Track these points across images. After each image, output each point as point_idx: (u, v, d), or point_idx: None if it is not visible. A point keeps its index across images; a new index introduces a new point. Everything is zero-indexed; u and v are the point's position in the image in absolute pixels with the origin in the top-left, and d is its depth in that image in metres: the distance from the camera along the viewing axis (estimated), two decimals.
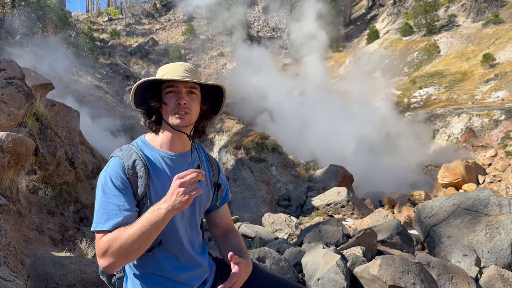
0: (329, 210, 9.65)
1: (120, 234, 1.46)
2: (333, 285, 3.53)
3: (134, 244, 1.44)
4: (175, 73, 1.63)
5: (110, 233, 1.49)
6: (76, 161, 6.46)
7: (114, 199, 1.54)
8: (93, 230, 1.54)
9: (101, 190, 1.57)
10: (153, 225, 1.43)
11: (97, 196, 1.58)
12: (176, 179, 1.43)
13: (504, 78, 22.82)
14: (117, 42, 37.91)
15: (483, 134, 18.05)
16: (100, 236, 1.51)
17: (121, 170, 1.58)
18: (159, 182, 1.63)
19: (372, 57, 35.49)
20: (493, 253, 5.31)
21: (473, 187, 12.86)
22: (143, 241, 1.45)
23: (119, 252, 1.44)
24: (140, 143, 1.72)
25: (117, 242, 1.45)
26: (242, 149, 18.05)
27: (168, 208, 1.42)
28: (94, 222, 1.53)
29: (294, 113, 22.79)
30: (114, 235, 1.47)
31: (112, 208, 1.53)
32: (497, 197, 5.88)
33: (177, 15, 48.25)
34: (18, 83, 5.48)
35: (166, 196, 1.44)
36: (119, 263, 1.48)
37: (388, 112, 23.45)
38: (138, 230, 1.43)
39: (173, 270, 1.67)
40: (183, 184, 1.41)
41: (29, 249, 3.89)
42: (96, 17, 47.96)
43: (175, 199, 1.41)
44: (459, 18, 34.26)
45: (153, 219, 1.43)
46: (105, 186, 1.57)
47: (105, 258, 1.47)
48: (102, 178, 1.59)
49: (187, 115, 1.64)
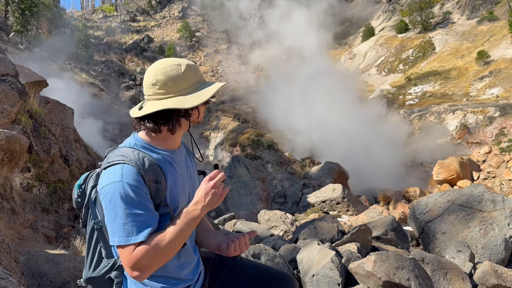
0: (325, 207, 9.67)
1: (159, 242, 1.46)
2: (328, 281, 3.54)
3: (174, 247, 1.49)
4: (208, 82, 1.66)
5: (144, 243, 1.45)
6: (71, 159, 6.43)
7: (140, 208, 1.48)
8: (122, 244, 1.46)
9: (122, 201, 1.46)
10: (190, 227, 1.52)
11: (114, 208, 1.47)
12: (208, 181, 1.53)
13: (498, 75, 22.94)
14: (112, 39, 37.76)
15: (477, 131, 18.15)
16: (132, 248, 1.45)
17: (139, 177, 1.51)
18: (171, 182, 1.63)
19: (367, 54, 35.56)
20: (487, 248, 5.34)
21: (468, 183, 12.93)
22: (180, 243, 1.52)
23: (159, 259, 1.47)
24: (140, 145, 1.65)
25: (157, 249, 1.45)
26: (238, 146, 18.05)
27: (204, 208, 1.51)
28: (123, 236, 1.45)
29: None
30: (151, 244, 1.45)
31: (142, 218, 1.48)
32: (491, 193, 5.91)
33: (172, 12, 48.09)
34: (11, 80, 5.44)
35: (198, 197, 1.52)
36: (154, 270, 1.50)
37: (383, 109, 23.51)
38: (177, 235, 1.48)
39: (175, 269, 1.66)
40: (215, 185, 1.51)
41: (23, 247, 3.87)
42: (91, 14, 47.74)
43: (210, 199, 1.51)
44: (454, 15, 34.39)
45: (188, 221, 1.50)
46: (126, 197, 1.47)
47: (141, 268, 1.45)
48: (119, 188, 1.47)
49: None
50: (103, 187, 1.51)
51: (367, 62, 34.90)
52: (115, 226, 1.47)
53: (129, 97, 27.88)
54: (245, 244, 1.77)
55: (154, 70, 1.59)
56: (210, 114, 22.38)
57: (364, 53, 36.16)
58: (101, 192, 1.53)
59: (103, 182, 1.53)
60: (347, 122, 20.84)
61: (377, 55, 34.45)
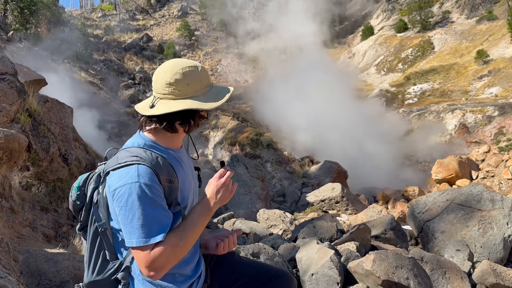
0: (324, 206, 9.68)
1: (176, 240, 1.50)
2: (327, 280, 3.54)
3: (190, 246, 1.56)
4: (216, 85, 1.72)
5: (162, 242, 1.47)
6: (70, 158, 6.43)
7: (157, 208, 1.50)
8: (141, 245, 1.46)
9: (139, 202, 1.46)
10: (203, 224, 1.58)
11: (131, 209, 1.47)
12: (218, 179, 1.61)
13: (497, 75, 22.96)
14: (111, 38, 37.68)
15: (476, 130, 18.17)
16: (150, 248, 1.47)
17: (155, 177, 1.53)
18: (181, 181, 1.65)
19: (366, 54, 35.57)
20: (486, 248, 5.34)
21: (467, 182, 12.94)
22: (195, 240, 1.59)
23: (176, 257, 1.52)
24: (149, 144, 1.66)
25: (174, 248, 1.49)
26: (237, 146, 18.04)
27: (216, 205, 1.60)
28: (141, 237, 1.45)
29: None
30: (169, 243, 1.48)
31: (159, 218, 1.49)
32: (490, 193, 5.91)
33: (171, 11, 48.05)
34: (10, 79, 5.44)
35: (209, 194, 1.61)
36: (169, 268, 1.54)
37: (382, 108, 23.52)
38: (193, 232, 1.55)
39: (180, 265, 1.65)
40: (226, 182, 1.61)
41: (22, 246, 3.87)
42: (90, 13, 47.68)
43: (222, 196, 1.60)
44: (453, 14, 34.41)
45: (202, 218, 1.58)
46: (144, 197, 1.47)
47: (157, 268, 1.48)
48: (136, 189, 1.47)
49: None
50: (117, 188, 1.49)
51: (366, 61, 34.92)
52: (132, 227, 1.46)
53: (128, 96, 27.84)
54: (233, 243, 1.83)
55: (172, 70, 1.60)
56: (209, 113, 22.32)
57: (363, 52, 36.17)
58: (115, 193, 1.50)
59: (116, 183, 1.51)
60: (346, 121, 20.84)
61: (376, 54, 34.47)
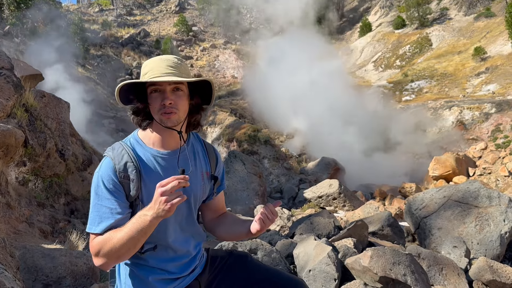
0: (321, 202, 9.70)
1: (110, 238, 1.49)
2: (324, 276, 3.54)
3: (123, 248, 1.47)
4: (157, 71, 1.56)
5: (102, 235, 1.52)
6: (67, 153, 6.40)
7: (106, 202, 1.54)
8: (87, 231, 1.56)
9: (94, 192, 1.57)
10: (140, 231, 1.45)
11: (91, 197, 1.58)
12: (159, 187, 1.41)
13: (494, 72, 22.98)
14: (108, 33, 37.48)
15: (473, 127, 18.20)
16: (93, 237, 1.54)
17: (112, 173, 1.56)
18: (151, 182, 1.59)
19: (364, 50, 35.54)
20: (483, 244, 5.37)
21: (464, 179, 12.98)
22: (132, 245, 1.48)
23: (110, 254, 1.49)
24: (133, 140, 1.69)
25: (107, 245, 1.49)
26: (234, 142, 18.04)
27: (153, 215, 1.41)
28: (88, 224, 1.55)
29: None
30: (105, 238, 1.50)
31: (104, 211, 1.54)
32: (487, 189, 5.93)
33: (169, 6, 47.84)
34: (6, 73, 5.40)
35: (151, 203, 1.43)
36: (112, 263, 1.53)
37: (379, 104, 23.52)
38: (126, 235, 1.46)
39: (162, 261, 1.69)
40: (164, 193, 1.39)
41: (18, 242, 3.85)
42: (87, 8, 47.39)
43: (158, 207, 1.40)
44: (451, 11, 34.39)
45: (139, 225, 1.45)
46: (97, 188, 1.56)
47: (98, 258, 1.52)
48: (95, 180, 1.58)
49: (173, 114, 1.59)
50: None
51: (364, 57, 34.89)
52: (89, 213, 1.57)
53: None
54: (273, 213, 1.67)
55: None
56: (207, 109, 22.23)
57: (361, 49, 36.13)
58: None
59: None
60: (344, 117, 20.83)
61: (374, 50, 34.43)
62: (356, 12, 44.81)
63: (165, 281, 1.70)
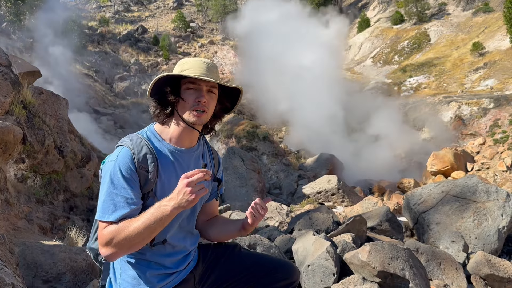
0: (320, 198, 9.71)
1: (126, 227, 1.49)
2: (323, 271, 3.56)
3: (139, 237, 1.48)
4: (197, 70, 1.63)
5: (115, 224, 1.51)
6: (65, 150, 6.40)
7: (122, 191, 1.55)
8: (98, 219, 1.56)
9: (109, 180, 1.56)
10: (159, 221, 1.47)
11: (103, 185, 1.58)
12: (184, 178, 1.45)
13: (493, 67, 22.98)
14: (105, 30, 37.32)
15: (472, 122, 18.22)
16: (104, 226, 1.53)
17: (131, 162, 1.58)
18: (166, 177, 1.65)
19: (362, 46, 35.49)
20: (481, 239, 5.39)
21: (462, 174, 13.00)
22: (147, 234, 1.50)
23: (123, 243, 1.49)
24: (150, 134, 1.72)
25: (122, 234, 1.48)
26: (233, 138, 18.01)
27: (175, 205, 1.45)
28: (100, 211, 1.55)
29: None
30: (119, 227, 1.50)
31: (120, 200, 1.54)
32: (485, 184, 5.95)
33: (166, 2, 47.67)
34: (4, 70, 5.39)
35: (173, 194, 1.47)
36: (122, 253, 1.54)
37: (378, 100, 23.48)
38: (143, 225, 1.47)
39: (159, 256, 1.72)
40: (190, 184, 1.43)
41: (18, 238, 3.86)
42: (85, 4, 47.22)
43: (181, 198, 1.44)
44: (449, 6, 34.33)
45: (159, 215, 1.47)
46: (114, 176, 1.56)
47: (108, 247, 1.51)
48: (111, 167, 1.57)
49: (204, 114, 1.66)
50: (103, 165, 1.63)
51: (362, 53, 34.84)
52: (100, 201, 1.57)
53: (123, 88, 27.68)
54: (262, 208, 1.73)
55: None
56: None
57: (359, 44, 36.07)
58: (101, 168, 1.64)
59: (105, 160, 1.63)
60: (341, 113, 20.81)
61: (373, 46, 34.38)
62: (354, 8, 44.70)
63: (162, 276, 1.72)
